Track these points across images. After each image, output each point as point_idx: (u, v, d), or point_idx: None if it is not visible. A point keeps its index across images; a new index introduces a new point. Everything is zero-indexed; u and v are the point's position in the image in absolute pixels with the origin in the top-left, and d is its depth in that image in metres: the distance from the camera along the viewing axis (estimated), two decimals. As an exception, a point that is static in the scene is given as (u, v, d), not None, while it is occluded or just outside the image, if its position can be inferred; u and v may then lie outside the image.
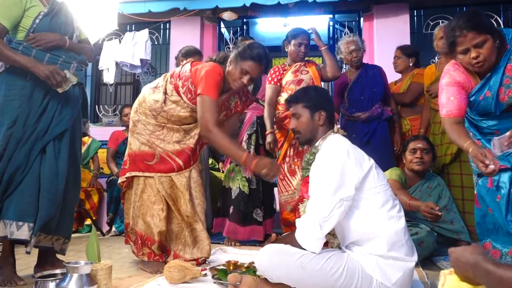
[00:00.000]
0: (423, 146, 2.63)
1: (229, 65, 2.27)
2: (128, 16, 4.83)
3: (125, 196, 2.42)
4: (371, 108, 3.18)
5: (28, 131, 1.99)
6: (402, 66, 3.44)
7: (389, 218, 1.57)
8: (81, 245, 3.05)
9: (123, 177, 2.35)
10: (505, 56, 1.85)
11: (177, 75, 2.33)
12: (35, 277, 1.69)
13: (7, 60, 1.98)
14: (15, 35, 2.04)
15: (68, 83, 2.02)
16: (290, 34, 3.15)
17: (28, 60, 1.96)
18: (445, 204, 2.60)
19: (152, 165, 2.28)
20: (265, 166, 2.01)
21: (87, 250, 1.75)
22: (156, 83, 2.39)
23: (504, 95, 1.86)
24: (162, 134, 2.31)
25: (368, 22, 4.96)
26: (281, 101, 3.10)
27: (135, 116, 2.36)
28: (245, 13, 5.12)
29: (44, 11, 2.07)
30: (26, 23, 2.04)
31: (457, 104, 1.93)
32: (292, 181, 3.01)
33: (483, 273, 1.04)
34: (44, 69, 1.95)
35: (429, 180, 2.68)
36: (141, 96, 2.39)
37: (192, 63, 2.35)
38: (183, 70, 2.33)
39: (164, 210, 2.25)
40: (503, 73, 1.85)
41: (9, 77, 2.02)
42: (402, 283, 1.55)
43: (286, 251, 1.56)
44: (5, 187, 1.95)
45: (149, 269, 2.21)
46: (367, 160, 1.65)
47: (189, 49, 3.39)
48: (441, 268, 2.34)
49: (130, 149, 2.35)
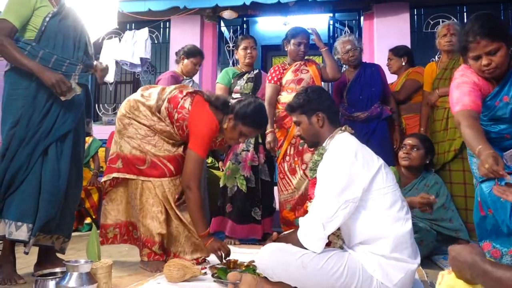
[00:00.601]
0: (413, 142, 2.64)
1: (227, 121, 2.28)
2: (128, 15, 4.83)
3: (110, 196, 2.37)
4: (370, 107, 3.17)
5: (31, 131, 1.98)
6: (395, 67, 3.50)
7: (397, 220, 1.55)
8: (81, 243, 3.06)
9: (109, 175, 2.29)
10: None
11: (174, 105, 2.27)
12: (35, 275, 1.69)
13: (15, 62, 1.97)
14: (23, 34, 2.04)
15: (72, 92, 2.03)
16: (290, 34, 3.15)
17: (35, 65, 1.96)
18: (443, 202, 2.60)
19: (143, 170, 2.25)
20: (217, 248, 2.15)
21: (87, 248, 1.75)
22: (151, 97, 2.32)
23: None
24: (153, 140, 2.29)
25: (368, 21, 4.96)
26: (281, 100, 3.11)
27: (125, 119, 2.31)
28: (245, 12, 5.12)
29: (53, 11, 2.07)
30: (36, 22, 2.04)
31: (474, 99, 1.81)
32: (292, 180, 3.01)
33: (481, 273, 1.03)
34: (51, 77, 1.95)
35: (426, 178, 2.68)
36: (133, 103, 2.32)
37: (193, 101, 2.29)
38: (183, 104, 2.27)
39: (163, 213, 2.24)
40: None
41: (14, 76, 2.02)
42: (403, 284, 1.54)
43: (287, 250, 1.56)
44: (7, 186, 1.95)
45: (149, 267, 2.21)
46: (376, 160, 1.63)
47: (192, 49, 3.36)
48: (440, 267, 2.35)
49: (121, 151, 2.29)
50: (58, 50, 2.06)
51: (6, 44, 1.94)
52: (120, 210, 2.38)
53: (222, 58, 5.43)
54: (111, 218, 2.37)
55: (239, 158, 3.10)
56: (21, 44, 2.00)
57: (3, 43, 1.94)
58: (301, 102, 1.80)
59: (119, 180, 2.33)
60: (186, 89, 2.38)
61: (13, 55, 1.95)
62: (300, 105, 1.80)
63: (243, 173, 3.07)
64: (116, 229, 2.38)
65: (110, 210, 2.37)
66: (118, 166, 2.28)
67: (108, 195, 2.38)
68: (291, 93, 3.03)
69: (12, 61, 1.99)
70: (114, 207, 2.38)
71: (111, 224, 2.37)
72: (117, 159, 2.29)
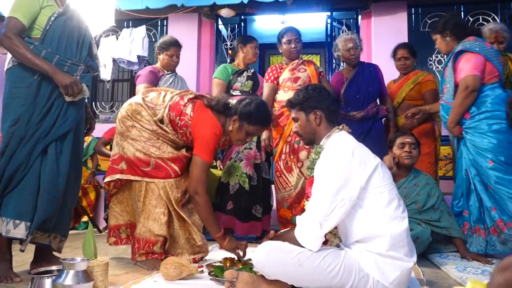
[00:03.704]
0: (411, 140, 2.66)
1: (231, 123, 2.27)
2: (125, 13, 4.81)
3: (118, 198, 2.38)
4: (367, 107, 3.18)
5: (31, 130, 1.98)
6: (411, 67, 3.38)
7: (394, 218, 1.55)
8: (78, 241, 3.05)
9: (113, 176, 2.28)
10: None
11: (177, 113, 2.26)
12: (31, 273, 1.69)
13: (28, 62, 1.97)
14: (28, 32, 2.03)
15: (80, 95, 2.06)
16: (279, 35, 3.21)
17: (49, 66, 1.97)
18: (433, 204, 2.62)
19: (148, 172, 2.24)
20: (235, 247, 2.17)
21: (83, 246, 1.75)
22: (153, 104, 2.31)
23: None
24: (157, 142, 2.28)
25: (366, 20, 4.96)
26: (278, 98, 3.11)
27: (128, 121, 2.29)
28: (243, 10, 5.10)
29: (59, 11, 2.07)
30: (42, 21, 2.04)
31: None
32: (289, 178, 3.01)
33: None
34: (66, 78, 1.99)
35: (417, 177, 2.69)
36: (135, 106, 2.30)
37: (195, 108, 2.27)
38: (185, 111, 2.26)
39: (165, 215, 2.24)
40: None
41: (16, 75, 2.02)
42: (399, 283, 1.54)
43: (283, 248, 1.56)
44: (5, 184, 1.95)
45: (146, 265, 2.21)
46: (373, 159, 1.63)
47: (163, 42, 3.23)
48: (436, 265, 2.36)
49: (124, 153, 2.28)
50: (61, 50, 2.06)
51: (18, 43, 1.95)
52: (128, 212, 2.40)
53: (220, 56, 5.42)
54: (122, 219, 2.38)
55: (241, 155, 3.09)
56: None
57: (15, 42, 1.95)
58: (300, 98, 1.81)
59: (123, 181, 2.32)
60: (187, 94, 2.36)
61: (25, 55, 1.96)
62: (299, 101, 1.81)
63: (245, 171, 3.05)
64: (128, 229, 2.41)
65: (119, 211, 2.39)
66: (121, 168, 2.28)
67: (115, 197, 2.39)
68: (287, 92, 3.04)
69: (24, 61, 1.98)
70: (123, 208, 2.39)
71: (123, 224, 2.38)
72: (120, 160, 2.29)
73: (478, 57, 2.53)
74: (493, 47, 2.65)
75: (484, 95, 2.53)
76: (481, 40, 2.62)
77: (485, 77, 2.54)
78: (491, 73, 2.55)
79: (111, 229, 2.41)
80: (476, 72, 2.51)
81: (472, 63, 2.53)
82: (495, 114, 2.48)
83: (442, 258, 2.51)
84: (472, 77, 2.51)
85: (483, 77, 2.54)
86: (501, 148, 2.44)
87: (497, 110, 2.48)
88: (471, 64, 2.53)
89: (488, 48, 2.58)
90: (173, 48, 3.22)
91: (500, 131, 2.46)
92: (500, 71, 2.57)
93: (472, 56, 2.54)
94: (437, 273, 2.21)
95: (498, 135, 2.46)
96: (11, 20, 1.97)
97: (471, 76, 2.51)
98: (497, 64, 2.56)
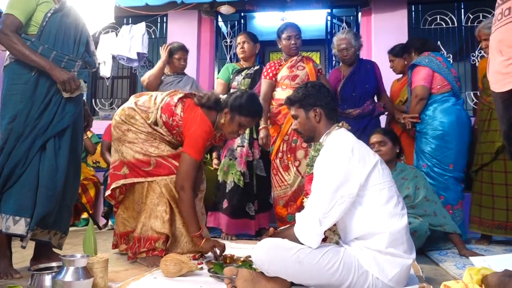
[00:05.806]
0: (378, 139, 2.67)
1: (223, 116, 2.29)
2: (125, 9, 4.80)
3: (125, 204, 2.39)
4: (363, 104, 3.18)
5: (29, 126, 1.98)
6: (399, 67, 3.49)
7: (393, 216, 1.56)
8: (78, 238, 3.05)
9: (118, 182, 2.29)
10: None
11: (169, 115, 2.29)
12: (31, 270, 1.69)
13: (26, 59, 1.97)
14: (25, 29, 2.03)
15: (78, 91, 2.06)
16: (279, 30, 3.18)
17: (46, 62, 1.97)
18: (425, 195, 2.60)
19: (150, 171, 2.26)
20: (212, 246, 2.20)
21: (83, 243, 1.75)
22: (145, 107, 2.33)
23: None
24: (155, 142, 2.30)
25: (366, 17, 4.96)
26: (276, 96, 3.11)
27: (124, 126, 2.31)
28: (243, 7, 5.10)
29: (55, 7, 2.07)
30: (38, 17, 2.04)
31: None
32: (285, 176, 3.01)
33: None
34: (63, 74, 1.99)
35: (404, 171, 2.68)
36: (128, 111, 2.33)
37: (184, 107, 2.30)
38: (175, 111, 2.29)
39: (167, 213, 2.25)
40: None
41: (13, 71, 2.02)
42: (398, 279, 1.55)
43: (283, 245, 1.56)
44: (4, 181, 1.95)
45: (145, 262, 2.21)
46: (372, 156, 1.63)
47: (173, 46, 3.36)
48: (435, 262, 2.36)
49: (124, 158, 2.29)
50: (58, 46, 2.05)
51: (15, 40, 1.95)
52: (134, 218, 2.39)
53: (220, 53, 5.41)
54: (129, 225, 2.39)
55: (235, 153, 3.10)
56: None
57: (12, 39, 1.95)
58: (300, 96, 1.81)
59: (128, 186, 2.34)
60: (176, 94, 2.38)
61: (22, 51, 1.95)
62: (299, 99, 1.81)
63: (239, 169, 3.08)
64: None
65: (127, 217, 2.40)
66: (124, 173, 2.29)
67: (122, 204, 2.40)
68: (285, 89, 3.04)
69: (22, 57, 1.98)
70: (130, 215, 2.40)
71: (131, 230, 2.38)
72: (122, 166, 2.30)
73: (425, 69, 2.94)
74: (446, 60, 3.03)
75: (432, 102, 2.94)
76: (433, 55, 3.00)
77: (433, 87, 2.93)
78: (440, 83, 2.93)
79: (121, 236, 2.42)
80: (424, 82, 2.92)
81: (420, 74, 2.94)
82: (436, 121, 2.87)
83: (441, 255, 2.52)
84: (420, 87, 2.94)
85: (432, 87, 2.93)
86: (437, 152, 2.84)
87: (438, 118, 2.87)
88: (420, 75, 2.95)
89: (438, 61, 2.96)
90: (180, 52, 3.35)
91: (438, 137, 2.86)
92: (450, 81, 2.92)
93: (421, 68, 2.96)
94: (436, 270, 2.21)
95: (436, 141, 2.86)
96: (8, 17, 1.97)
97: (419, 86, 2.94)
98: (446, 75, 2.92)
